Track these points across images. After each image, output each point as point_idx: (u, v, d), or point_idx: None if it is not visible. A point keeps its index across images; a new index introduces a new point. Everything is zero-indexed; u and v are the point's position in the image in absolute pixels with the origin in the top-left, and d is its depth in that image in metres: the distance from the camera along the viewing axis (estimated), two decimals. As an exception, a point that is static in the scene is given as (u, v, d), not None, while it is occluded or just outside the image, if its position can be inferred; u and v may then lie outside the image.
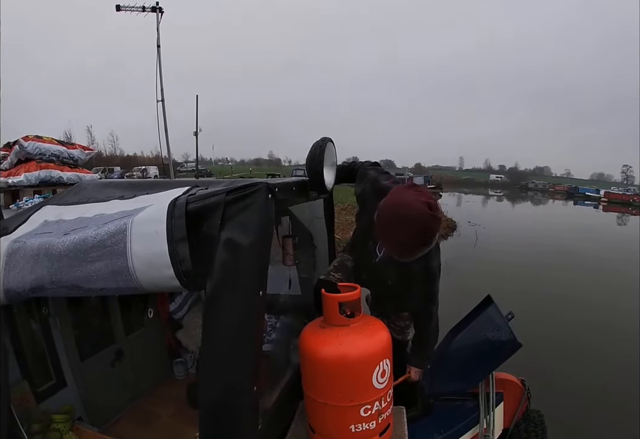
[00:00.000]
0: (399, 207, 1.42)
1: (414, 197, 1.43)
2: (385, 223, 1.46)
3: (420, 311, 1.90)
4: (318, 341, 1.44)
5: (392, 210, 1.44)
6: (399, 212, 1.41)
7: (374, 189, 1.83)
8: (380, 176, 1.91)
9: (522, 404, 1.98)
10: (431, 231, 1.44)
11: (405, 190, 1.50)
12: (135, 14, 9.72)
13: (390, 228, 1.44)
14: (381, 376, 1.43)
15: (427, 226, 1.42)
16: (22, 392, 1.71)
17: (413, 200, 1.42)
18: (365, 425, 1.44)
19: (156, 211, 1.15)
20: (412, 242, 1.44)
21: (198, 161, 20.88)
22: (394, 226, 1.42)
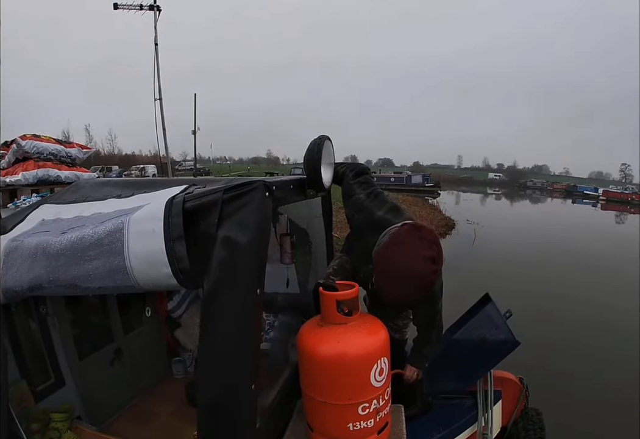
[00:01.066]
0: (400, 265, 1.41)
1: (417, 251, 1.41)
2: (383, 277, 1.47)
3: (423, 322, 1.90)
4: (316, 339, 1.44)
5: (392, 267, 1.43)
6: (399, 270, 1.40)
7: (369, 221, 1.77)
8: (371, 203, 1.82)
9: (520, 402, 1.98)
10: (431, 284, 1.46)
11: (407, 237, 1.47)
12: (133, 13, 9.69)
13: (388, 283, 1.45)
14: (379, 375, 1.43)
15: (428, 281, 1.43)
16: (21, 391, 1.70)
17: (415, 256, 1.40)
18: (364, 423, 1.44)
19: (154, 209, 1.15)
20: (409, 295, 1.46)
21: (196, 159, 20.88)
22: (392, 282, 1.44)
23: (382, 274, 1.47)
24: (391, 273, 1.43)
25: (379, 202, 1.82)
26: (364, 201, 1.83)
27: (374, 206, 1.79)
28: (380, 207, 1.78)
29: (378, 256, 1.49)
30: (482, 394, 1.84)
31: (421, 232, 1.48)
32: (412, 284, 1.41)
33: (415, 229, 1.50)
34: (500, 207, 28.40)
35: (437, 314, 1.84)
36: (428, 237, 1.46)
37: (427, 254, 1.40)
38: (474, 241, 11.24)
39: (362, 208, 1.81)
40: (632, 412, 3.20)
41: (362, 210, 1.81)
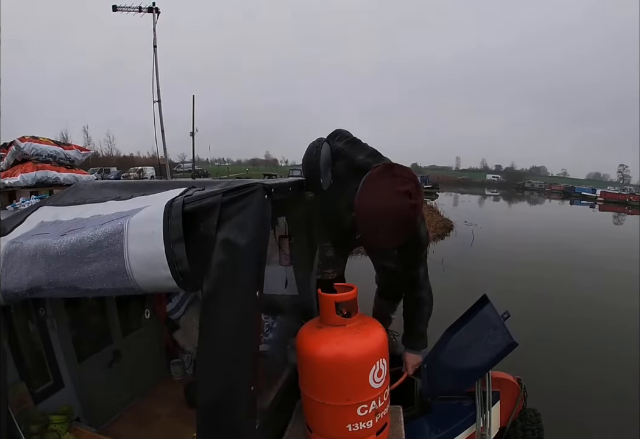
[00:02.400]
0: (376, 204, 1.40)
1: (391, 188, 1.40)
2: (363, 221, 1.45)
3: (408, 277, 1.87)
4: (315, 340, 1.45)
5: (369, 208, 1.42)
6: (376, 210, 1.39)
7: (350, 167, 1.76)
8: (351, 149, 1.81)
9: (519, 403, 1.99)
10: (412, 220, 1.43)
11: (380, 177, 1.45)
12: (132, 15, 9.73)
13: (369, 226, 1.44)
14: (378, 376, 1.44)
15: (408, 217, 1.41)
16: (20, 393, 1.70)
17: (390, 193, 1.39)
18: (362, 424, 1.45)
19: (153, 211, 1.16)
20: (394, 236, 1.43)
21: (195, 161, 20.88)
22: (373, 224, 1.42)
23: (361, 218, 1.45)
24: (369, 214, 1.42)
25: (359, 147, 1.82)
26: (342, 148, 1.81)
27: (354, 152, 1.79)
28: (361, 153, 1.78)
29: (355, 201, 1.47)
30: (480, 395, 1.84)
31: (394, 169, 1.46)
32: (392, 221, 1.39)
33: (388, 167, 1.48)
34: (499, 209, 28.42)
35: (422, 261, 1.82)
36: (402, 174, 1.44)
37: (401, 189, 1.38)
38: (472, 242, 11.24)
39: (343, 155, 1.79)
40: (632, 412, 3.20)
41: (342, 157, 1.79)
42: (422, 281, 1.84)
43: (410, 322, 1.93)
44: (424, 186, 32.82)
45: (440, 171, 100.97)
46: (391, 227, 1.40)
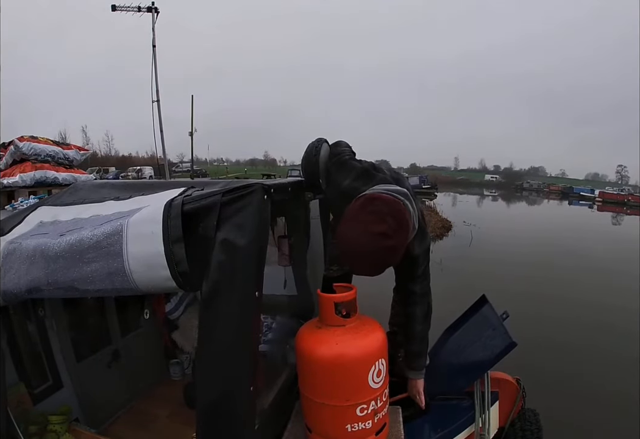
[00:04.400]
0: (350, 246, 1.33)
1: (364, 229, 1.30)
2: (346, 259, 1.42)
3: (402, 293, 1.82)
4: (314, 341, 1.44)
5: (344, 245, 1.35)
6: (350, 250, 1.33)
7: (338, 194, 1.70)
8: (337, 173, 1.71)
9: (518, 403, 1.99)
10: (391, 259, 1.36)
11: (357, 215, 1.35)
12: (131, 14, 9.73)
13: (347, 259, 1.40)
14: (377, 376, 1.43)
15: (382, 258, 1.33)
16: (19, 393, 1.70)
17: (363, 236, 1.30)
18: (362, 424, 1.44)
19: (152, 211, 1.16)
20: (371, 270, 1.38)
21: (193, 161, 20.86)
22: (350, 260, 1.39)
23: (341, 252, 1.41)
24: (346, 251, 1.36)
25: (345, 170, 1.70)
26: (330, 170, 1.73)
27: (339, 176, 1.70)
28: (347, 176, 1.68)
29: (336, 234, 1.42)
30: (479, 395, 1.85)
31: (373, 205, 1.35)
32: (367, 262, 1.34)
33: (368, 201, 1.38)
34: (497, 209, 28.47)
35: (420, 277, 1.73)
36: (381, 210, 1.33)
37: (376, 230, 1.28)
38: (470, 242, 11.25)
39: (331, 180, 1.72)
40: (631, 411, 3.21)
41: (330, 182, 1.72)
42: (418, 298, 1.76)
43: (405, 340, 1.85)
44: (423, 186, 32.83)
45: (438, 171, 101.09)
46: (367, 264, 1.36)
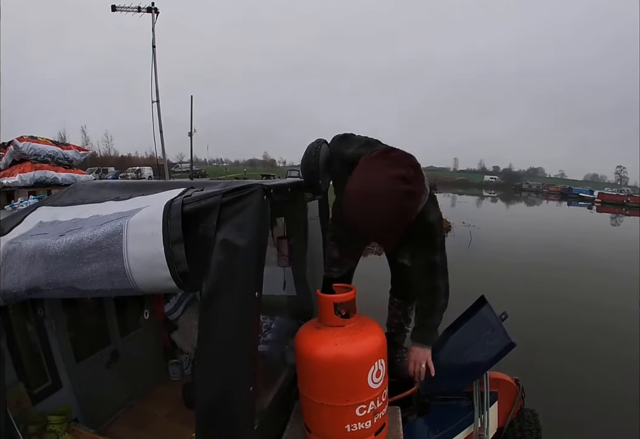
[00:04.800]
0: (366, 188, 1.27)
1: (383, 171, 1.26)
2: (353, 207, 1.31)
3: (423, 265, 1.75)
4: (314, 341, 1.45)
5: (358, 193, 1.29)
6: (365, 194, 1.27)
7: (341, 163, 1.64)
8: (340, 145, 1.70)
9: (517, 403, 1.99)
10: (407, 208, 1.29)
11: (373, 160, 1.32)
12: (131, 15, 9.72)
13: (359, 213, 1.30)
14: (376, 376, 1.44)
15: (402, 204, 1.26)
16: (18, 393, 1.70)
17: (382, 176, 1.26)
18: (361, 425, 1.44)
19: (152, 212, 1.16)
20: (385, 225, 1.30)
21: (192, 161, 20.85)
22: (363, 212, 1.29)
23: (350, 205, 1.32)
24: (358, 200, 1.28)
25: (349, 141, 1.69)
26: (334, 147, 1.70)
27: (343, 147, 1.67)
28: (350, 146, 1.66)
29: (346, 190, 1.33)
30: (478, 396, 1.85)
31: (391, 153, 1.33)
32: (383, 208, 1.25)
33: (385, 151, 1.34)
34: (496, 210, 28.46)
35: (437, 248, 1.69)
36: (400, 158, 1.31)
37: (395, 173, 1.24)
38: (469, 243, 11.25)
39: (335, 154, 1.68)
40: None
41: (335, 156, 1.68)
42: (440, 270, 1.73)
43: (424, 313, 1.81)
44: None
45: (438, 172, 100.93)
46: (382, 215, 1.26)
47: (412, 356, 1.81)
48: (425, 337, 1.81)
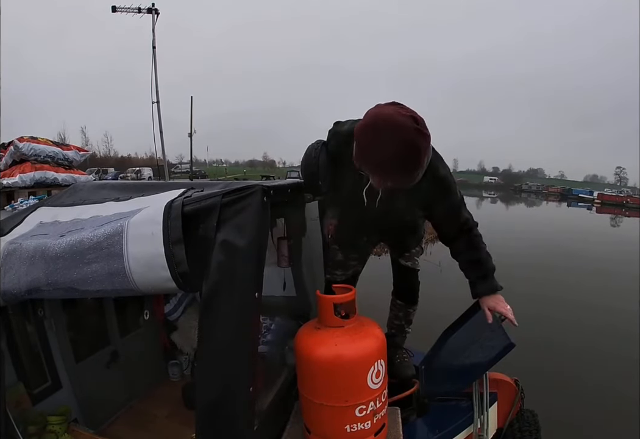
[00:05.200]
0: (379, 122, 1.26)
1: (394, 111, 1.27)
2: (365, 145, 1.30)
3: (455, 222, 1.72)
4: (313, 342, 1.45)
5: (371, 128, 1.28)
6: (379, 127, 1.26)
7: (340, 137, 1.61)
8: (336, 127, 1.69)
9: (516, 404, 1.99)
10: (419, 147, 1.26)
11: (382, 106, 1.32)
12: (131, 16, 9.73)
13: (373, 150, 1.29)
14: (376, 377, 1.44)
15: (414, 140, 1.25)
16: (18, 394, 1.70)
17: (393, 113, 1.26)
18: (361, 425, 1.45)
19: (152, 212, 1.16)
20: (401, 162, 1.28)
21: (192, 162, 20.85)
22: (377, 146, 1.27)
23: (363, 146, 1.31)
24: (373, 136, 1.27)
25: (341, 123, 1.68)
26: (330, 133, 1.70)
27: (337, 128, 1.66)
28: (344, 125, 1.64)
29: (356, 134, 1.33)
30: (477, 396, 1.85)
31: (400, 104, 1.33)
32: (400, 143, 1.23)
33: (393, 103, 1.34)
34: (496, 211, 28.43)
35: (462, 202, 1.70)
36: (408, 107, 1.31)
37: (405, 113, 1.25)
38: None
39: (330, 138, 1.68)
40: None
41: (333, 142, 1.67)
42: (472, 222, 1.72)
43: (478, 264, 1.74)
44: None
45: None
46: (397, 152, 1.25)
47: (493, 302, 1.73)
48: (492, 285, 1.74)
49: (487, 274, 1.75)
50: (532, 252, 10.81)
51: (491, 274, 1.75)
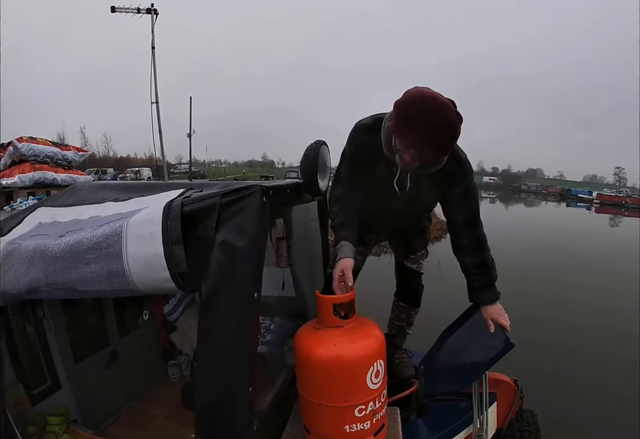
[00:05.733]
0: (426, 99, 1.33)
1: (436, 93, 1.36)
2: (409, 118, 1.35)
3: (466, 217, 1.76)
4: (313, 342, 1.45)
5: (417, 103, 1.33)
6: (426, 102, 1.32)
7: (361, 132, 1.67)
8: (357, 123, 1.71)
9: (515, 404, 1.99)
10: (457, 128, 1.36)
11: (422, 87, 1.39)
12: (131, 16, 9.73)
13: (416, 122, 1.33)
14: (375, 377, 1.43)
15: (454, 121, 1.34)
16: (17, 394, 1.70)
17: (437, 94, 1.35)
18: (360, 425, 1.44)
19: (151, 213, 1.16)
20: (439, 138, 1.35)
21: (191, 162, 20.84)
22: (421, 119, 1.32)
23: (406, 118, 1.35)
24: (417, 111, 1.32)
25: (362, 119, 1.71)
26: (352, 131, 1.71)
27: (360, 123, 1.69)
28: (364, 119, 1.69)
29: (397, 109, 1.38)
30: (477, 396, 1.85)
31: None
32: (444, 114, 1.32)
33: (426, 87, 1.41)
34: (495, 211, 28.42)
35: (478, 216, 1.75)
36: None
37: (446, 98, 1.36)
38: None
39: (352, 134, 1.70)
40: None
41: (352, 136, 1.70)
42: (480, 221, 1.76)
43: (482, 271, 1.77)
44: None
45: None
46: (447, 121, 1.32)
47: (496, 314, 1.75)
48: (494, 295, 1.77)
49: (490, 282, 1.78)
50: (531, 252, 10.82)
51: (494, 282, 1.79)
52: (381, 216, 1.89)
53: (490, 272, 1.77)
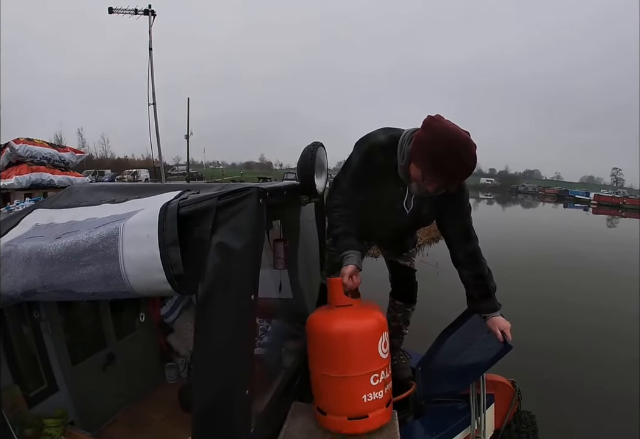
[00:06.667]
0: (452, 137, 1.41)
1: (458, 128, 1.45)
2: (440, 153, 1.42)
3: (461, 231, 1.83)
4: (328, 319, 1.57)
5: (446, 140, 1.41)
6: (454, 141, 1.40)
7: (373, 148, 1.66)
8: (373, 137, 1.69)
9: (513, 405, 1.99)
10: (475, 162, 1.46)
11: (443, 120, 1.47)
12: (128, 17, 9.71)
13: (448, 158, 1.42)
14: (384, 347, 1.56)
15: (475, 156, 1.45)
16: (14, 396, 1.69)
17: (460, 130, 1.44)
18: (375, 394, 1.53)
19: (148, 215, 1.16)
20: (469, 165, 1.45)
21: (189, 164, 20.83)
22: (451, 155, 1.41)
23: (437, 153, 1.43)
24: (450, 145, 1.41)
25: (373, 135, 1.70)
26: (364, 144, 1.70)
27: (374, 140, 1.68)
28: (376, 136, 1.68)
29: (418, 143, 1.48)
30: (474, 398, 1.85)
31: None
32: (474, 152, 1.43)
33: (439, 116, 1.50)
34: (493, 212, 28.44)
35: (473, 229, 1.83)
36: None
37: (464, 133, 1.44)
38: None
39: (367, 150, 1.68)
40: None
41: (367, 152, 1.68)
42: (474, 234, 1.84)
43: (480, 282, 1.81)
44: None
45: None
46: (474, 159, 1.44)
47: (502, 327, 1.75)
48: (495, 305, 1.81)
49: (488, 292, 1.81)
50: (529, 253, 10.82)
51: (493, 292, 1.82)
52: (381, 230, 1.93)
53: (486, 283, 1.81)
